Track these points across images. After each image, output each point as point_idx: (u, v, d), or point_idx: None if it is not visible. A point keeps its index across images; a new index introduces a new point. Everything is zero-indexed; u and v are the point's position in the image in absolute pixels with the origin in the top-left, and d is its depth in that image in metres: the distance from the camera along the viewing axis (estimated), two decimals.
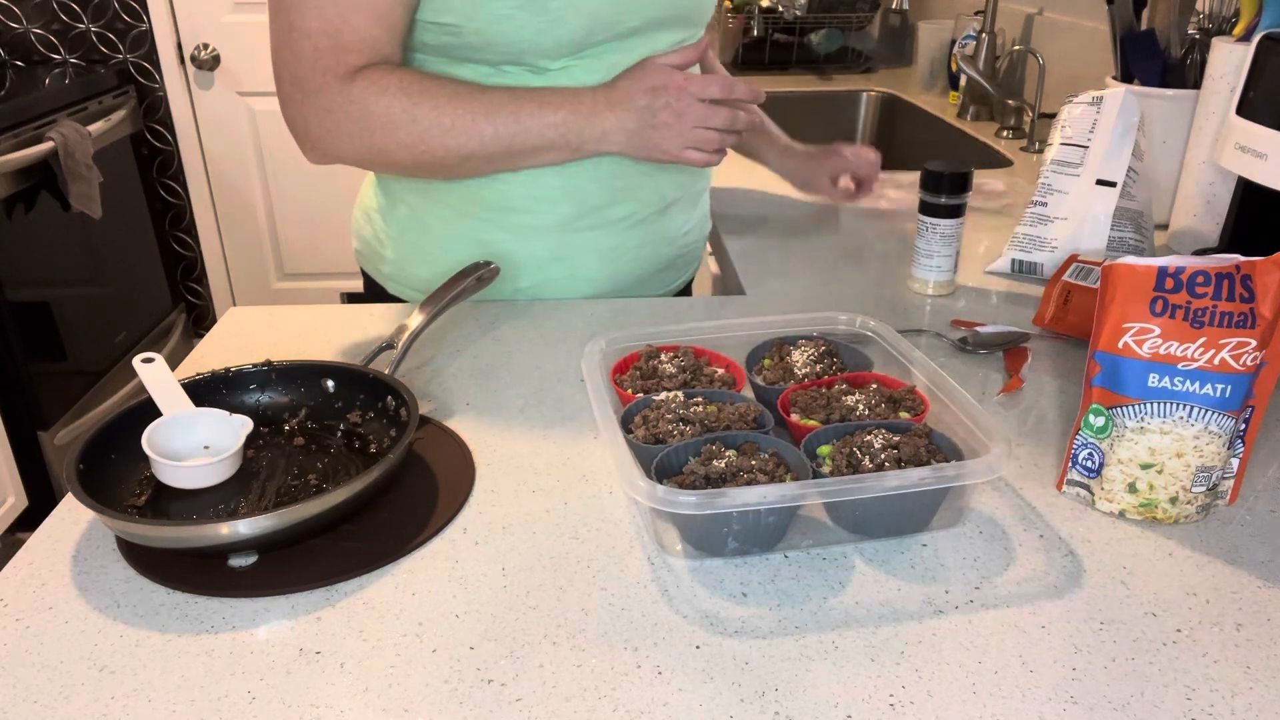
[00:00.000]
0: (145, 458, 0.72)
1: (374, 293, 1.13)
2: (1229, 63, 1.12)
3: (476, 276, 0.91)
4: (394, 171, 0.99)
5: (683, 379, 0.79)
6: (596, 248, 1.04)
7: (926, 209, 1.06)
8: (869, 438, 0.69)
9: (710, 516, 0.64)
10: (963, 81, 2.03)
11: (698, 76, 0.94)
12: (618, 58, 0.96)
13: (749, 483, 0.65)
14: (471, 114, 0.90)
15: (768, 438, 0.70)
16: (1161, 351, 0.67)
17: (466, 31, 0.90)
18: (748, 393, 0.80)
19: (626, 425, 0.73)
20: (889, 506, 0.67)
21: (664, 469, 0.68)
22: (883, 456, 0.67)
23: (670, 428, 0.71)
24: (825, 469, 0.68)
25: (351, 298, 3.11)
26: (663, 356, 0.81)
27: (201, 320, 3.21)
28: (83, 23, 2.79)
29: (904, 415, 0.74)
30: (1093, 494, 0.72)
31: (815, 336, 0.84)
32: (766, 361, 0.83)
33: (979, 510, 0.71)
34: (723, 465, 0.66)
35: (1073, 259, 1.01)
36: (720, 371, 0.81)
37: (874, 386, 0.77)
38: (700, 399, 0.75)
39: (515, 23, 0.88)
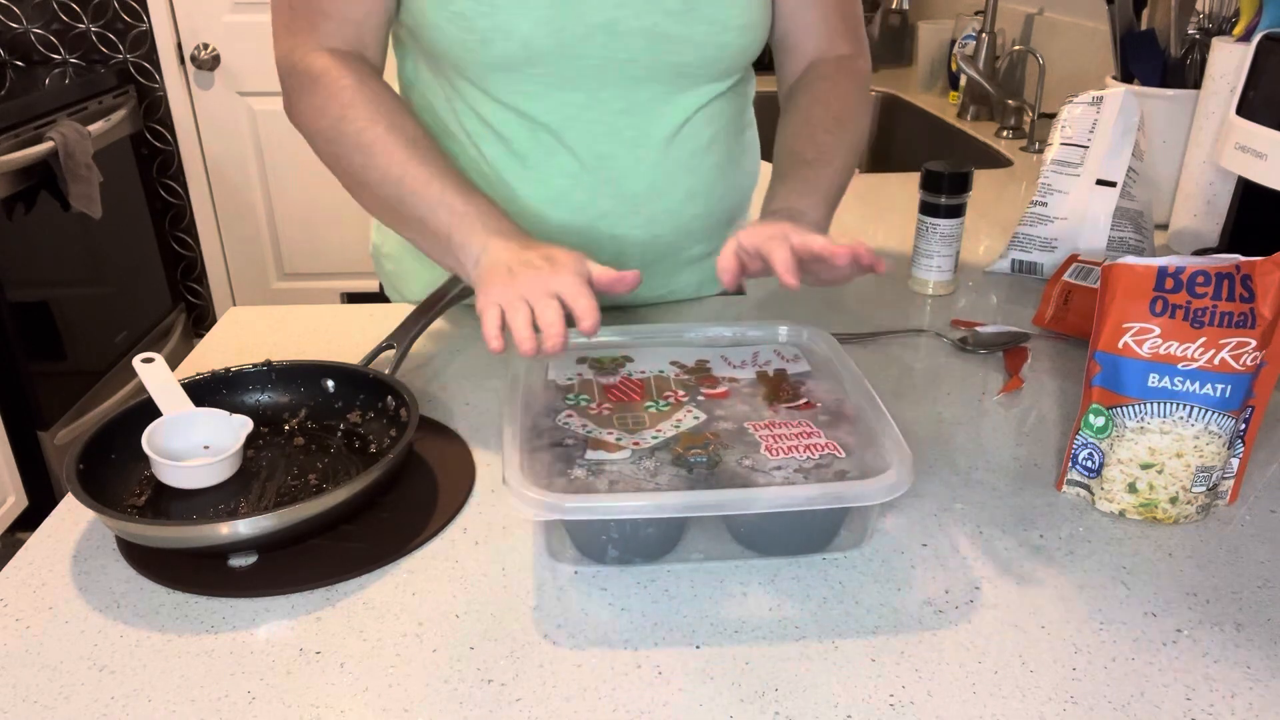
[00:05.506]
0: (145, 458, 0.72)
1: (382, 292, 1.14)
2: (1229, 63, 1.12)
3: None
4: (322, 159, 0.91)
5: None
6: None
7: (926, 209, 1.06)
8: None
9: (589, 523, 0.63)
10: (963, 81, 2.03)
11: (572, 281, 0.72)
12: (584, 98, 0.89)
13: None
14: (392, 151, 0.81)
15: None
16: (1161, 351, 0.67)
17: (416, 31, 0.88)
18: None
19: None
20: (778, 523, 0.64)
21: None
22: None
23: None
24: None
25: (351, 298, 3.11)
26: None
27: (201, 320, 3.21)
28: (83, 23, 2.79)
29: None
30: (1093, 494, 0.72)
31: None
32: None
33: (979, 511, 0.71)
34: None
35: (1073, 259, 1.01)
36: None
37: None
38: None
39: (442, 33, 0.85)
